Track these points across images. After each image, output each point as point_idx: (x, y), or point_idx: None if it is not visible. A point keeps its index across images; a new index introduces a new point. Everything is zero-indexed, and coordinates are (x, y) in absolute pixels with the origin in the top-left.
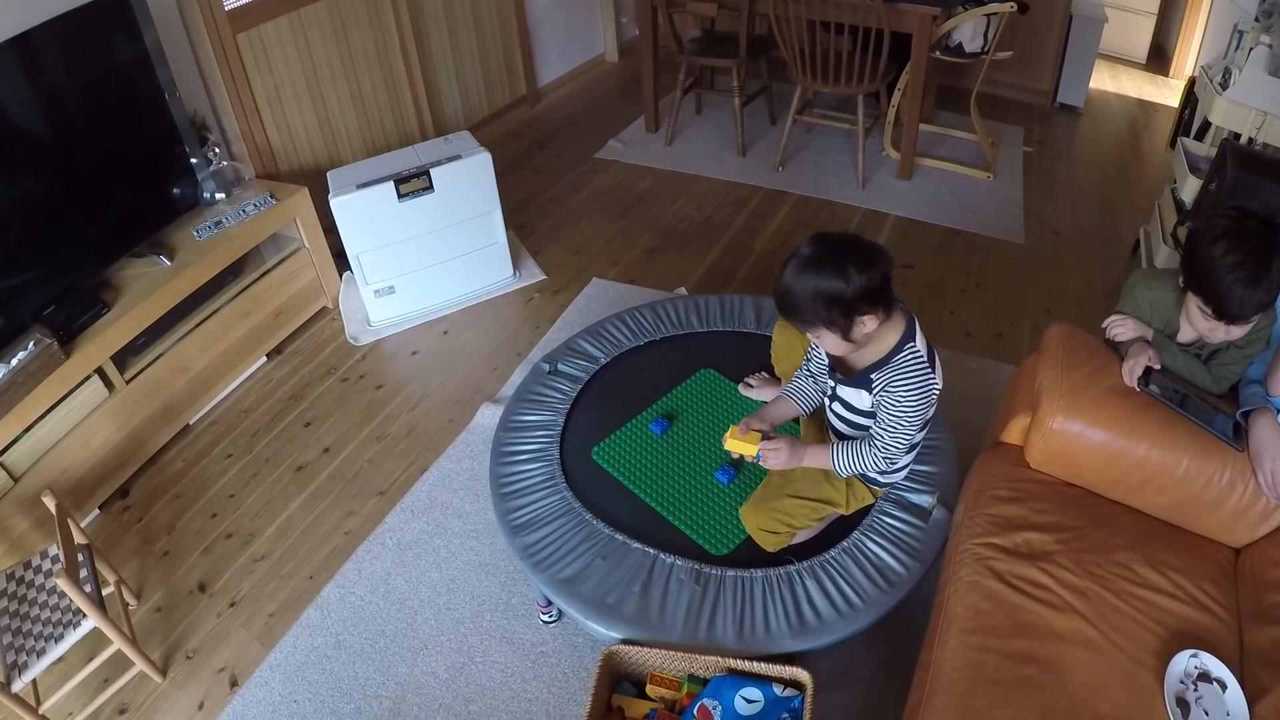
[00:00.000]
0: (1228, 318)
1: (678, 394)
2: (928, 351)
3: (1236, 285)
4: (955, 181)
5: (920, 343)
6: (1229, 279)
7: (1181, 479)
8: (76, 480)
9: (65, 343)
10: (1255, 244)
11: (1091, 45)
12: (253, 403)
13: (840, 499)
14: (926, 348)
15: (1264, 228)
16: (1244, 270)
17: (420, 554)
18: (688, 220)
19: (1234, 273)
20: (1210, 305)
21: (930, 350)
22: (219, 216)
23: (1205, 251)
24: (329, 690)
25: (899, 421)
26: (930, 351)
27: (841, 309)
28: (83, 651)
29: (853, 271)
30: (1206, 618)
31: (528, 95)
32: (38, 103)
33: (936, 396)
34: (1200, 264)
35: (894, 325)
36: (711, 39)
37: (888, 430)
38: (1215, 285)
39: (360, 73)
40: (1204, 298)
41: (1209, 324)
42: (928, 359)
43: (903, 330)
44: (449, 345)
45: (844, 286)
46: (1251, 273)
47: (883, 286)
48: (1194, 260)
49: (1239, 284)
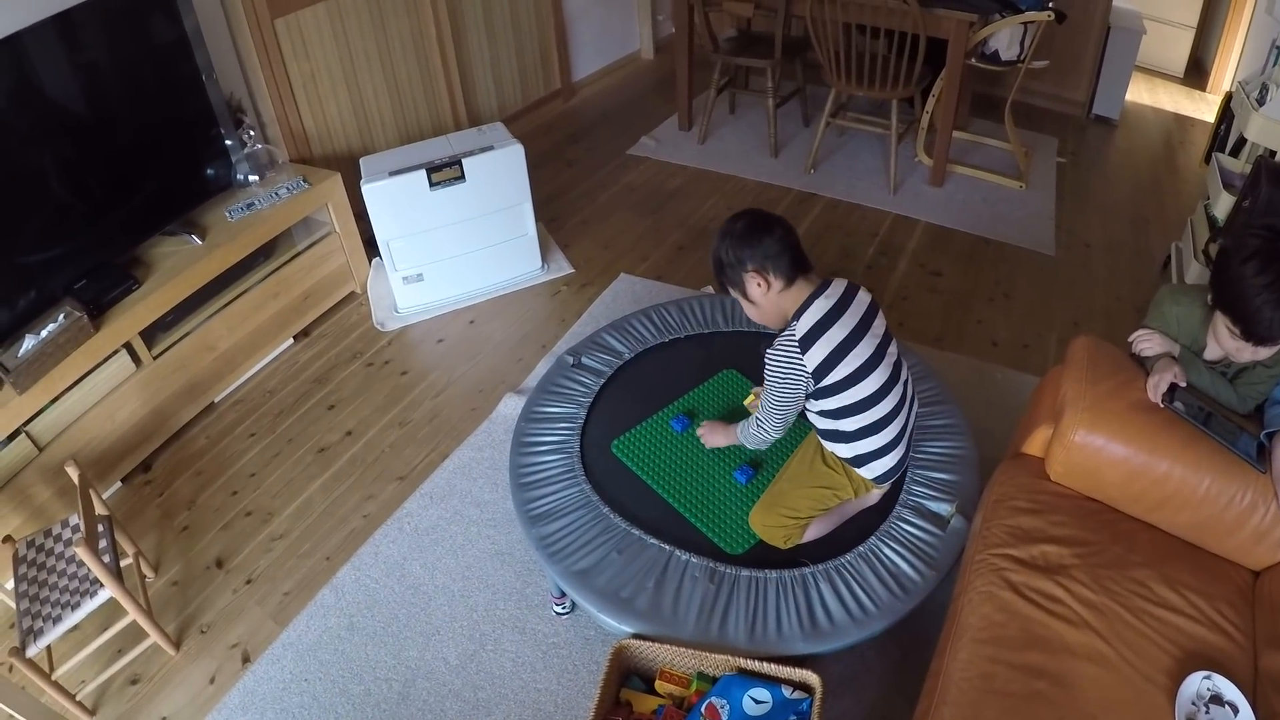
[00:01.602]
0: (1256, 339)
1: (700, 392)
2: (812, 328)
3: (1266, 307)
4: (987, 190)
5: (806, 320)
6: (1259, 300)
7: (1203, 498)
8: (100, 452)
9: (95, 317)
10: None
11: (1129, 57)
12: (278, 384)
13: (842, 482)
14: (816, 324)
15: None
16: (1274, 292)
17: (437, 540)
18: (718, 219)
19: (1264, 294)
20: (1239, 326)
21: (821, 328)
22: (251, 198)
23: (1236, 271)
24: (340, 671)
25: (767, 390)
26: (819, 329)
27: (731, 267)
28: (98, 621)
29: (737, 233)
30: (1222, 639)
31: (562, 89)
32: (77, 80)
33: (809, 379)
34: (1230, 283)
35: (792, 298)
36: (747, 39)
37: (765, 394)
38: (1244, 306)
39: (396, 61)
40: (1233, 318)
41: (1236, 344)
42: (801, 339)
43: (797, 307)
44: (475, 334)
45: (725, 245)
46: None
47: (768, 251)
48: (1224, 279)
49: (1269, 305)
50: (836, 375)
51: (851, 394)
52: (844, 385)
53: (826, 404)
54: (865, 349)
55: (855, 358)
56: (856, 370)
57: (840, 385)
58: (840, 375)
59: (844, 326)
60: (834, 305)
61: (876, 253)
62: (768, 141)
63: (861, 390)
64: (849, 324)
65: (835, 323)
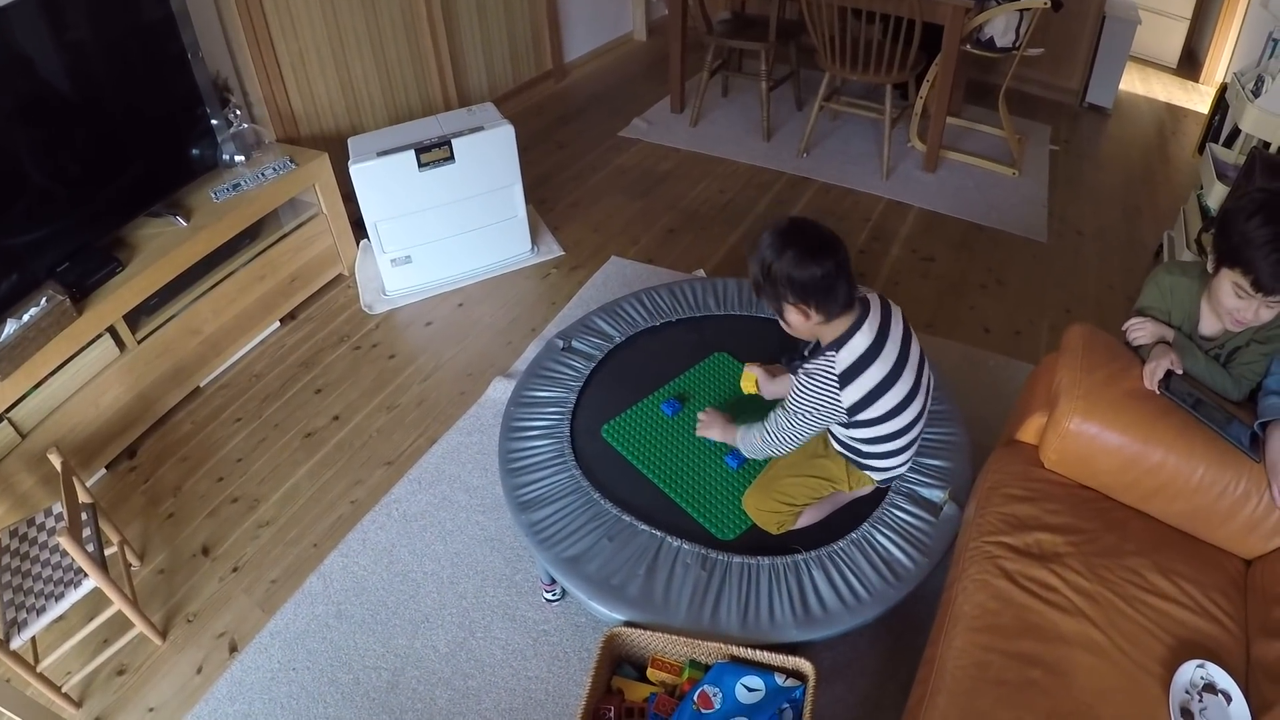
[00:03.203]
0: (1265, 290)
1: (691, 376)
2: (853, 365)
3: (1275, 254)
4: (980, 176)
5: (847, 355)
6: (1267, 247)
7: (1197, 487)
8: (84, 439)
9: (78, 300)
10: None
11: (1123, 47)
12: (264, 367)
13: (839, 474)
14: (857, 361)
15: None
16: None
17: (426, 526)
18: (709, 202)
19: (1273, 241)
20: (1248, 278)
21: (861, 365)
22: (237, 179)
23: (1242, 226)
24: (328, 659)
25: (790, 411)
26: (860, 366)
27: (770, 287)
28: (83, 611)
29: (786, 261)
30: (1214, 628)
31: (553, 70)
32: (61, 59)
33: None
34: (1237, 236)
35: (834, 329)
36: (741, 21)
37: (781, 414)
38: (1252, 255)
39: (386, 41)
40: (1241, 269)
41: (1240, 302)
42: (841, 374)
43: (837, 336)
44: (464, 317)
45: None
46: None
47: (812, 286)
48: (1230, 234)
49: (1277, 252)
50: (872, 413)
51: (883, 428)
52: (878, 421)
53: (855, 432)
54: (904, 385)
55: (893, 395)
56: (894, 407)
57: (874, 421)
58: (876, 413)
59: (884, 363)
60: (874, 340)
61: (869, 238)
62: (760, 125)
63: (893, 425)
64: (889, 359)
65: (876, 359)
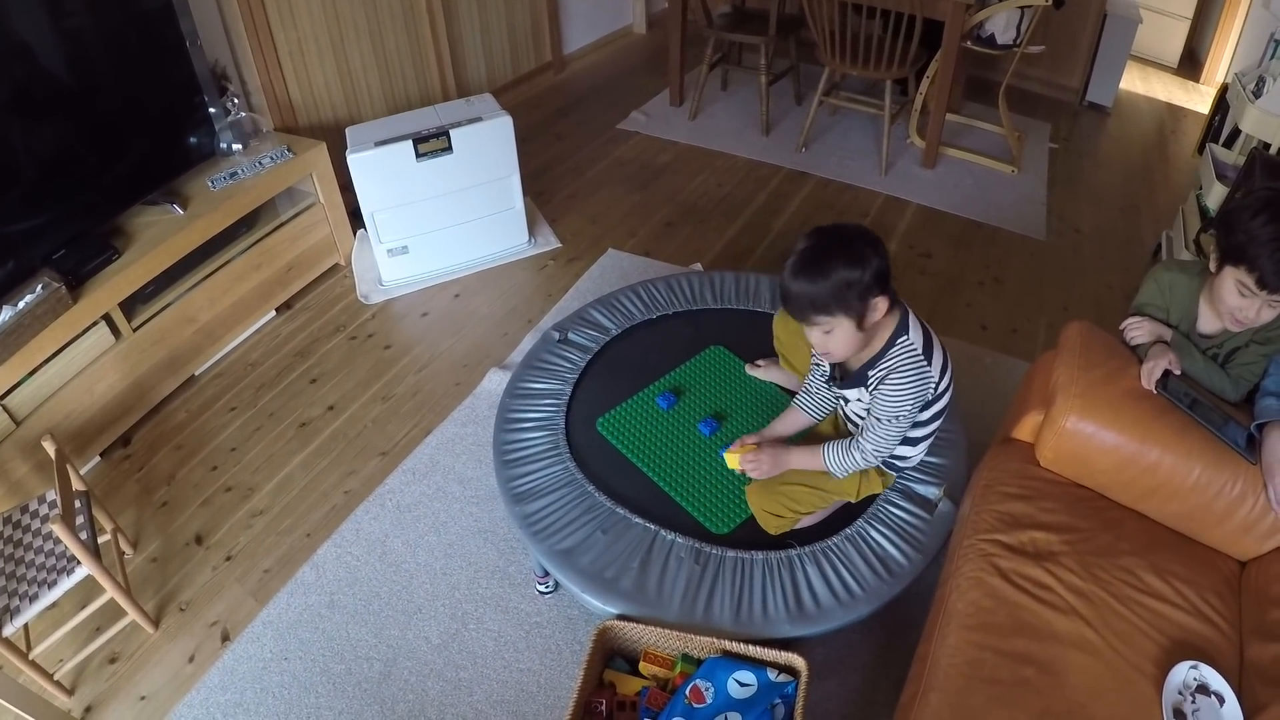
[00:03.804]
0: (1269, 288)
1: (687, 369)
2: (924, 342)
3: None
4: (979, 173)
5: (915, 334)
6: (1271, 246)
7: (1192, 487)
8: (79, 426)
9: (74, 287)
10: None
11: (1124, 46)
12: (259, 357)
13: (850, 489)
14: (923, 338)
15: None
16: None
17: (419, 517)
18: (707, 196)
19: (1277, 240)
20: (1252, 275)
21: (928, 340)
22: (235, 168)
23: (1247, 224)
24: (320, 649)
25: (890, 416)
26: (928, 342)
27: (859, 292)
28: (76, 599)
29: (868, 253)
30: (1208, 629)
31: (553, 62)
32: (59, 46)
33: (934, 389)
34: (1241, 234)
35: (888, 320)
36: (741, 15)
37: (879, 423)
38: (1258, 253)
39: (385, 30)
40: (1246, 267)
41: (1243, 301)
42: (923, 351)
43: (895, 324)
44: (460, 308)
45: (861, 270)
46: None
47: (886, 272)
48: (1234, 232)
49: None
50: (945, 380)
51: (943, 401)
52: (944, 394)
53: (922, 413)
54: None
55: (949, 365)
56: (951, 378)
57: (942, 394)
58: (947, 380)
59: (933, 334)
60: (916, 317)
61: None
62: (759, 119)
63: (947, 397)
64: (932, 333)
65: (929, 332)
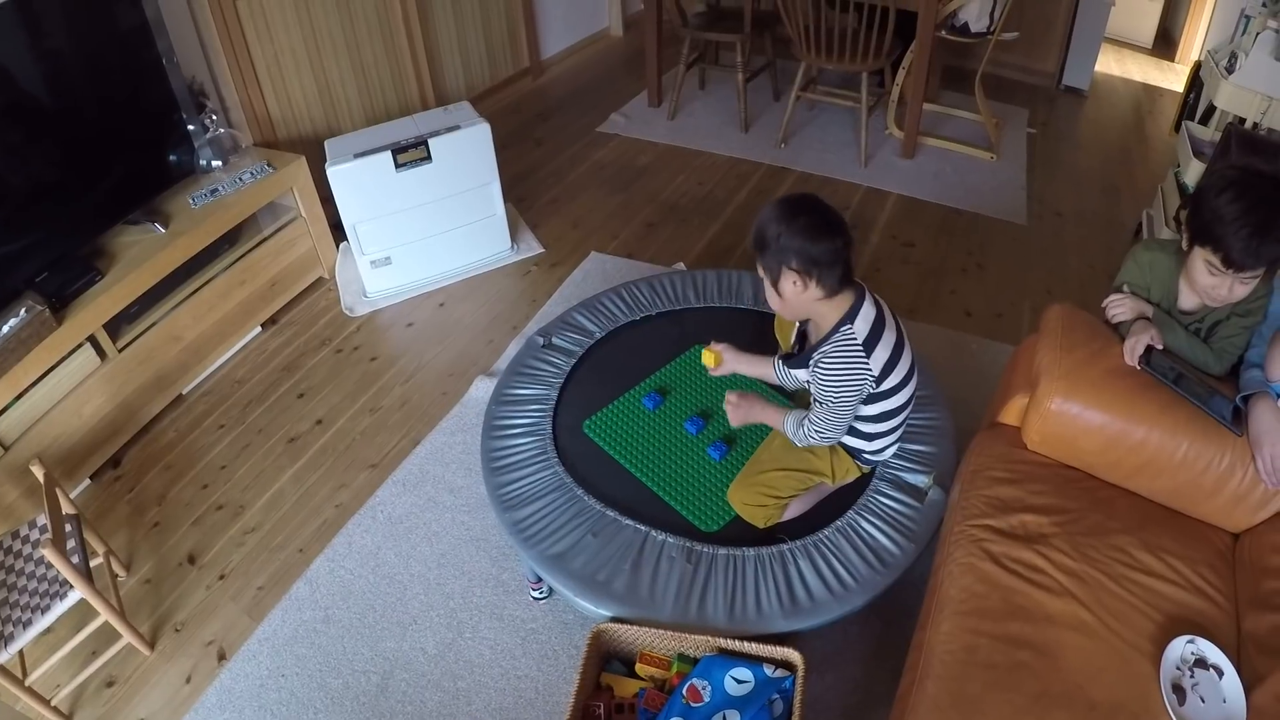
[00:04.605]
0: (1235, 265)
1: (672, 369)
2: (869, 335)
3: (1244, 230)
4: (958, 161)
5: (863, 325)
6: (1236, 224)
7: (1181, 463)
8: (67, 449)
9: (57, 310)
10: (1261, 194)
11: (1098, 28)
12: (246, 373)
13: (825, 468)
14: (871, 331)
15: (1269, 182)
16: (1252, 216)
17: (411, 528)
18: (688, 195)
19: (1241, 218)
20: (1219, 254)
21: (876, 335)
22: (215, 184)
23: (1212, 202)
24: (317, 665)
25: (828, 399)
26: (874, 336)
27: (775, 252)
28: (70, 623)
29: (797, 227)
30: (1204, 603)
31: (530, 68)
32: (35, 67)
33: (872, 383)
34: (1207, 213)
35: (836, 306)
36: (716, 14)
37: (819, 405)
38: (1223, 231)
39: (361, 41)
40: (1212, 246)
41: (1214, 279)
42: (864, 343)
43: (844, 312)
44: (445, 317)
45: (778, 231)
46: (1259, 219)
47: (819, 258)
48: (1201, 211)
49: (1246, 229)
50: (893, 379)
51: (896, 399)
52: (894, 391)
53: (870, 409)
54: (909, 356)
55: (904, 362)
56: (904, 375)
57: (892, 391)
58: (895, 380)
59: (891, 331)
60: (877, 313)
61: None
62: (738, 116)
63: (902, 396)
64: (894, 330)
65: (885, 328)
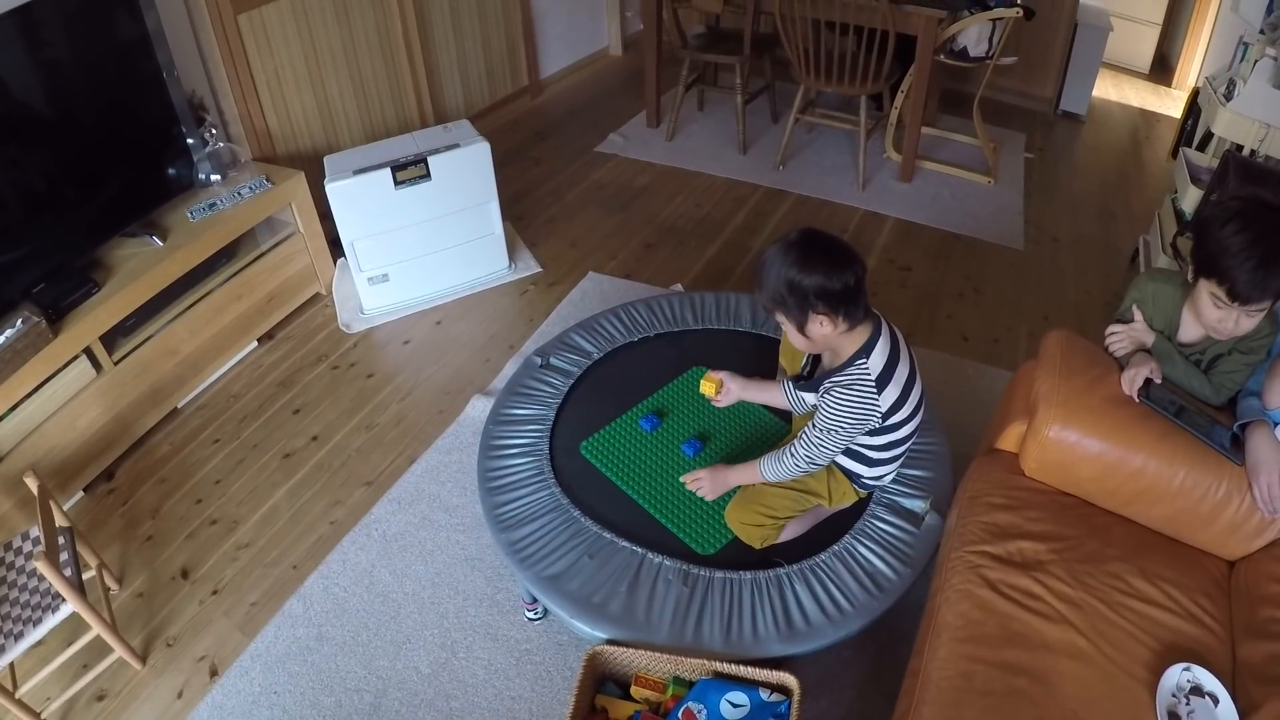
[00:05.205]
0: (1241, 298)
1: (669, 391)
2: (882, 372)
3: (1250, 262)
4: (956, 185)
5: (878, 361)
6: (1242, 255)
7: (1178, 491)
8: (61, 461)
9: (54, 321)
10: (1266, 225)
11: (1096, 54)
12: (242, 388)
13: (822, 489)
14: (885, 367)
15: (1275, 214)
16: (1258, 248)
17: (406, 546)
18: (686, 217)
19: (1247, 250)
20: (1223, 287)
21: (889, 372)
22: (214, 198)
23: (1217, 234)
24: (310, 682)
25: (825, 428)
26: (887, 374)
27: (797, 301)
28: (62, 636)
29: (817, 269)
30: (1200, 631)
31: (529, 86)
32: (35, 78)
33: (879, 419)
34: (1212, 245)
35: (855, 337)
36: (716, 36)
37: (813, 429)
38: (1228, 264)
39: (361, 58)
40: (1217, 279)
41: (1220, 313)
42: (877, 379)
43: (861, 344)
44: (441, 336)
45: (802, 279)
46: (1265, 251)
47: (843, 294)
48: (1205, 243)
49: (1252, 260)
50: (900, 415)
51: (902, 432)
52: (901, 425)
53: (877, 439)
54: (919, 388)
55: (914, 397)
56: (913, 410)
57: (898, 425)
58: (903, 415)
59: (905, 365)
60: (893, 344)
61: None
62: (736, 138)
63: (909, 427)
64: (907, 363)
65: (899, 362)
